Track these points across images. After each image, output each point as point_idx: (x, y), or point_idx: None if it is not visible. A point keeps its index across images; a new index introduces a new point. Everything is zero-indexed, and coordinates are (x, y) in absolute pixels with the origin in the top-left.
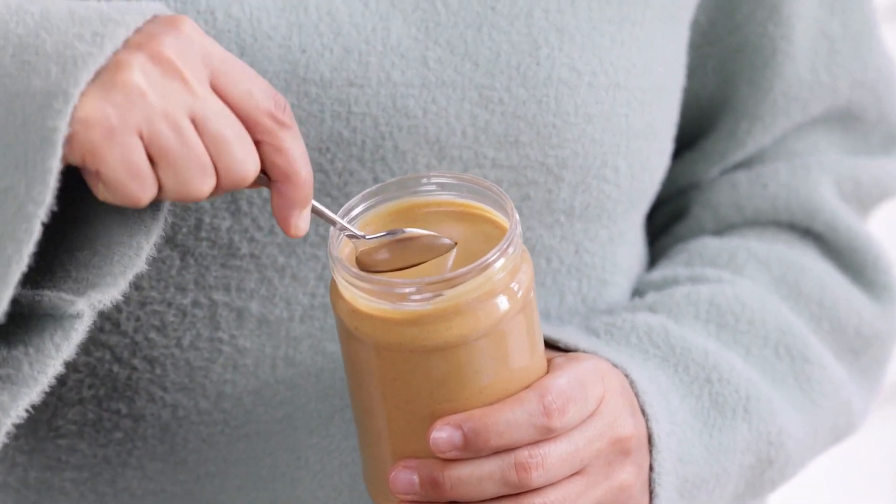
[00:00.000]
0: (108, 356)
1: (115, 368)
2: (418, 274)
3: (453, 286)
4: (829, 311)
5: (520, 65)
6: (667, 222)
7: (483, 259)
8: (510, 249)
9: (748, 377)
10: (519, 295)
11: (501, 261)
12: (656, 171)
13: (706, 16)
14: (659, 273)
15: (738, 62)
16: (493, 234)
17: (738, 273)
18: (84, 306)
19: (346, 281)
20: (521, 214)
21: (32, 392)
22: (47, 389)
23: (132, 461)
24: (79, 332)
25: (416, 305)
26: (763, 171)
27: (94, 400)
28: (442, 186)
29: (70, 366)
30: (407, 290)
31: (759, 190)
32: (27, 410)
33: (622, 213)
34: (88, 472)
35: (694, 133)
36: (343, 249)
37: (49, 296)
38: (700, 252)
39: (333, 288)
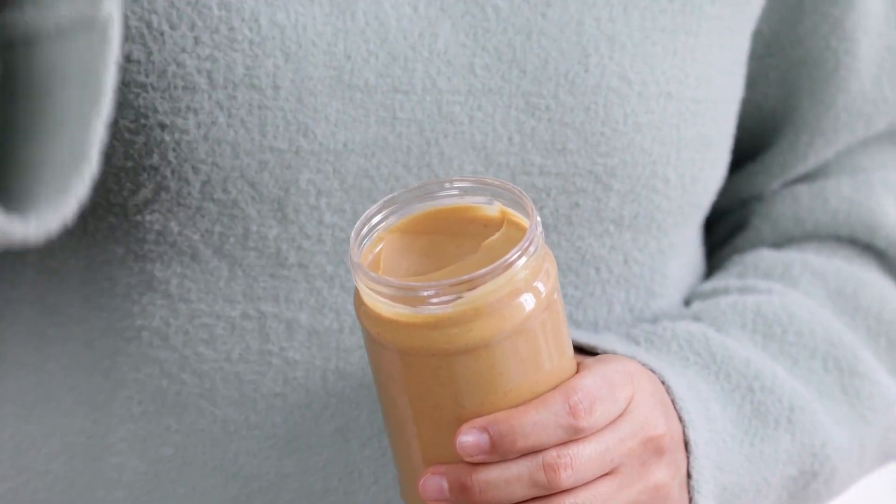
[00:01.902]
0: (156, 371)
1: (164, 384)
2: (443, 275)
3: (474, 287)
4: (888, 326)
5: (568, 72)
6: (727, 234)
7: (504, 259)
8: (531, 248)
9: (792, 387)
10: (543, 294)
11: (523, 259)
12: (709, 183)
13: (769, 27)
14: (710, 284)
15: (800, 75)
16: (515, 237)
17: (793, 285)
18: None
19: (367, 286)
20: (570, 223)
21: None
22: (96, 409)
23: (182, 478)
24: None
25: (436, 309)
26: (825, 185)
27: (143, 416)
28: (464, 191)
29: (119, 382)
30: (426, 294)
31: (821, 204)
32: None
33: (672, 224)
34: (139, 490)
35: (756, 145)
36: (366, 256)
37: None
38: (755, 264)
39: (357, 296)
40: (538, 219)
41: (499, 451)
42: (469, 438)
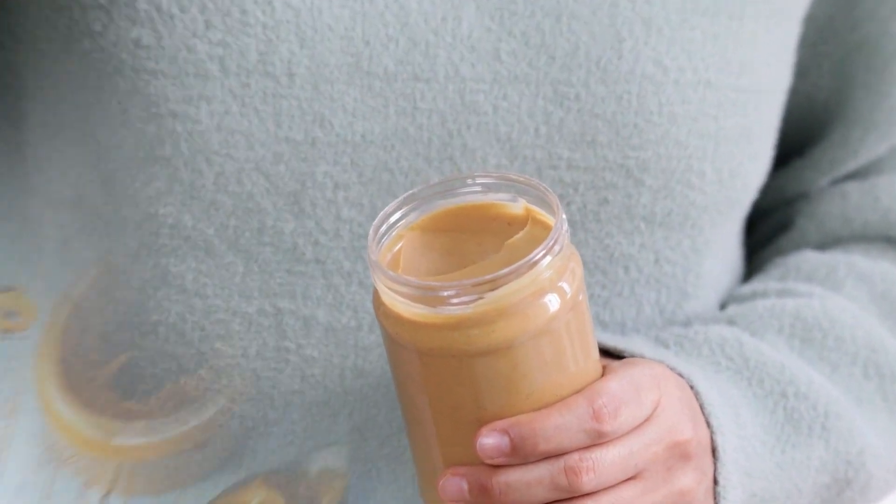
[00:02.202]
0: (174, 367)
1: (182, 380)
2: (464, 275)
3: (496, 287)
4: None
5: (600, 59)
6: (770, 234)
7: (528, 258)
8: (556, 247)
9: (828, 394)
10: (568, 294)
11: (548, 259)
12: (749, 178)
13: (824, 11)
14: (749, 287)
15: (855, 63)
16: (540, 236)
17: (837, 289)
18: None
19: (385, 286)
20: (598, 220)
21: None
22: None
23: (201, 474)
24: None
25: (456, 309)
26: (877, 183)
27: (161, 412)
28: (487, 188)
29: (136, 378)
30: (446, 294)
31: (871, 202)
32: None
33: (708, 221)
34: (158, 486)
35: (804, 139)
36: (385, 254)
37: None
38: (798, 266)
39: (375, 295)
40: (564, 216)
41: (519, 454)
42: (489, 441)
